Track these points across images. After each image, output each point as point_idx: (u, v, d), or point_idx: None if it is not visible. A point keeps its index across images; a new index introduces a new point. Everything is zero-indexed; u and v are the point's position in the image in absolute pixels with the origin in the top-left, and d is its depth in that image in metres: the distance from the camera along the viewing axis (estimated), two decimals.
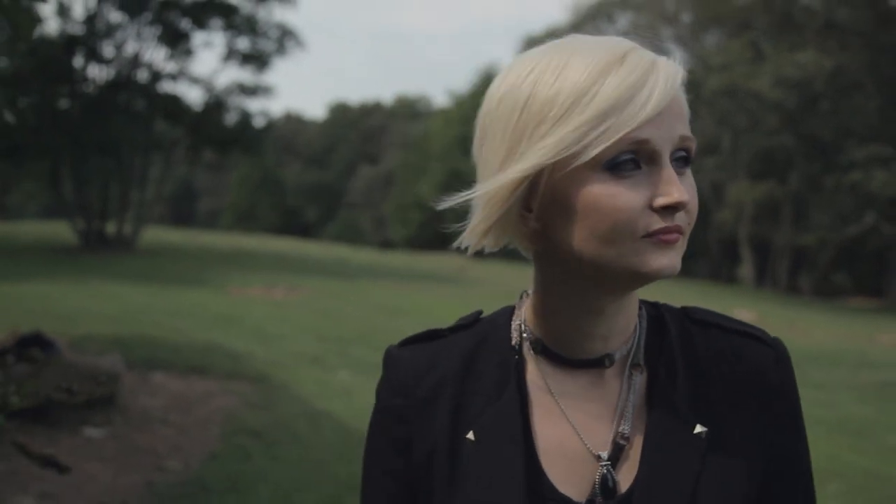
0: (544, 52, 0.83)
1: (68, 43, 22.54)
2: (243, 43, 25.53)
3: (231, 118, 26.24)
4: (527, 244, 0.89)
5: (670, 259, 0.80)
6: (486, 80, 43.66)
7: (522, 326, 0.93)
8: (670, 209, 0.79)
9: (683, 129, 0.81)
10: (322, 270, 21.17)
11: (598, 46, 0.80)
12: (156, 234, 27.92)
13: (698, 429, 0.87)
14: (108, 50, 23.67)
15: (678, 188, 0.79)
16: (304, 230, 55.86)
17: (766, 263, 35.02)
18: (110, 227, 24.29)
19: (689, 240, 0.84)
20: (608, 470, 0.87)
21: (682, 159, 0.83)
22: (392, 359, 0.96)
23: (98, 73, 23.75)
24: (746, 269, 35.08)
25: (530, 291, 0.94)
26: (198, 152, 27.57)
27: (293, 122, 67.71)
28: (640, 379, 0.90)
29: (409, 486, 0.93)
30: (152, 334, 8.77)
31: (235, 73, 72.86)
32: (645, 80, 0.77)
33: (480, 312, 0.99)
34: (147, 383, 6.42)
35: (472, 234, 0.87)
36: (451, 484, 0.88)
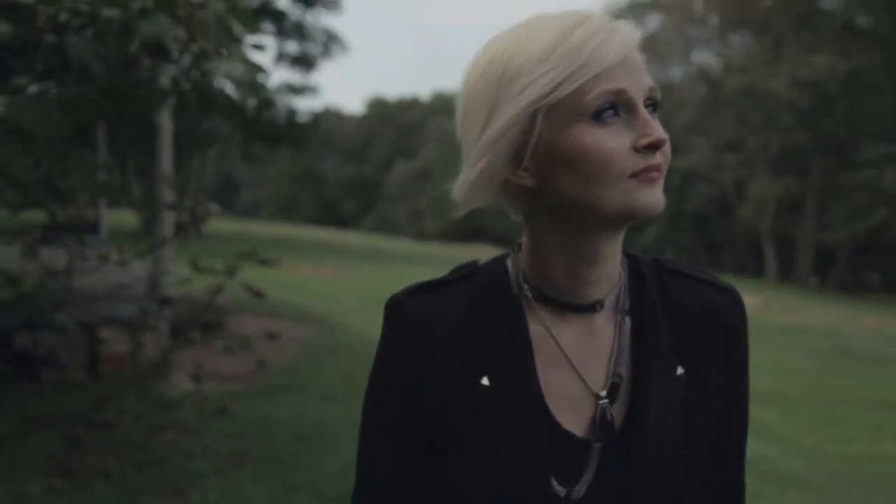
0: (514, 31, 0.90)
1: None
2: (292, 46, 27.84)
3: (279, 115, 28.52)
4: (516, 205, 0.94)
5: (655, 196, 0.87)
6: None
7: (521, 276, 0.97)
8: (652, 148, 0.87)
9: (649, 80, 0.89)
10: (362, 256, 23.71)
11: (563, 15, 0.88)
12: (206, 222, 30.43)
13: (679, 370, 0.96)
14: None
15: (657, 128, 0.87)
16: (342, 222, 57.25)
17: (791, 259, 35.74)
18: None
19: (712, 232, 1.33)
20: (606, 407, 0.93)
21: (651, 107, 0.89)
22: (401, 307, 0.98)
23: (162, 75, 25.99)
24: (769, 264, 35.85)
25: (521, 243, 0.98)
26: (249, 147, 29.92)
27: (332, 118, 66.65)
28: (627, 323, 0.97)
29: (428, 430, 0.95)
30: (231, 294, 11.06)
31: (285, 74, 74.57)
32: (608, 34, 0.86)
33: (477, 262, 1.02)
34: (241, 320, 8.64)
35: (462, 189, 0.93)
36: (472, 428, 0.92)
